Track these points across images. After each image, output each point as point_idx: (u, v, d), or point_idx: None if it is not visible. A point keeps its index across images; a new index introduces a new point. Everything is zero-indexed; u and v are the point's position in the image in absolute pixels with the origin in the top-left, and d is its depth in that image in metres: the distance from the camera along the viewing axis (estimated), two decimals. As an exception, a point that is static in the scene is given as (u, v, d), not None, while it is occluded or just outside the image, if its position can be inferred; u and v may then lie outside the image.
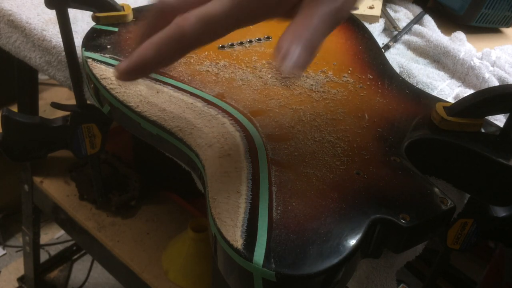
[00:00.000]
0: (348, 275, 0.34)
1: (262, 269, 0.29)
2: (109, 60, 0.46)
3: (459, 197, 0.46)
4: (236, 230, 0.31)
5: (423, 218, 0.34)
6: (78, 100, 0.57)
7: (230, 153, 0.38)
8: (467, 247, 0.51)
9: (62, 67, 0.58)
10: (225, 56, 0.50)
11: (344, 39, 0.55)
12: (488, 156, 0.40)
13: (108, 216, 0.89)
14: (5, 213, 1.35)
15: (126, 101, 0.43)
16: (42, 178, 0.94)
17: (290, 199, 0.34)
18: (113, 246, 0.84)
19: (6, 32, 0.62)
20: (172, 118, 0.41)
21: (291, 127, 0.41)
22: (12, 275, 1.28)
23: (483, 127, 0.43)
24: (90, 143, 0.61)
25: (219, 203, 0.34)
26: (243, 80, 0.46)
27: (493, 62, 0.62)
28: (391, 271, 0.44)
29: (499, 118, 0.51)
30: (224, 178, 0.35)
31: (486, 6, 0.71)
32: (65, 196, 0.92)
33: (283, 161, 0.37)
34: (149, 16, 0.28)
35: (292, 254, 0.30)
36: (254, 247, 0.30)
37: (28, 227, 1.01)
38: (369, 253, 0.36)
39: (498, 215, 0.49)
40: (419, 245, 0.43)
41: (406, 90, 0.48)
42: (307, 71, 0.49)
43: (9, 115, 0.57)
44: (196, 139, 0.40)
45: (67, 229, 0.98)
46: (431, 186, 0.37)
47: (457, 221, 0.49)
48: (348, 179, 0.36)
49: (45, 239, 1.36)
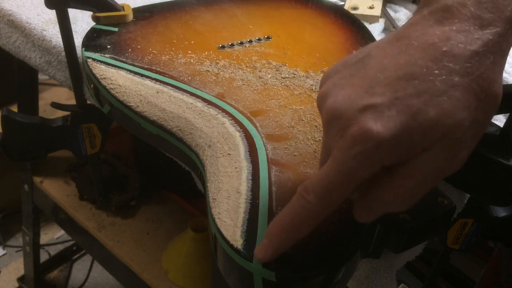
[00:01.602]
0: (348, 275, 0.34)
1: (262, 269, 0.29)
2: (109, 60, 0.46)
3: (459, 197, 0.46)
4: (236, 230, 0.31)
5: (423, 218, 0.34)
6: (78, 100, 0.57)
7: (230, 153, 0.38)
8: (467, 247, 0.51)
9: (62, 67, 0.58)
10: (225, 56, 0.50)
11: (344, 39, 0.55)
12: (488, 156, 0.40)
13: (108, 216, 0.89)
14: (5, 213, 1.35)
15: (126, 101, 0.43)
16: (42, 178, 0.94)
17: (290, 199, 0.34)
18: (113, 246, 0.84)
19: (6, 32, 0.62)
20: (172, 118, 0.41)
21: (291, 127, 0.41)
22: (12, 275, 1.28)
23: (483, 127, 0.43)
24: (90, 143, 0.61)
25: (219, 203, 0.34)
26: (243, 80, 0.46)
27: (493, 62, 0.62)
28: (391, 271, 0.44)
29: (499, 118, 0.51)
30: (224, 178, 0.35)
31: (486, 6, 0.71)
32: (65, 196, 0.91)
33: (283, 161, 0.37)
34: None
35: (292, 254, 0.30)
36: (254, 247, 0.30)
37: (28, 227, 1.01)
38: (369, 253, 0.36)
39: (498, 215, 0.49)
40: (419, 245, 0.43)
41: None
42: (307, 71, 0.49)
43: (9, 115, 0.57)
44: (196, 139, 0.40)
45: (67, 229, 0.97)
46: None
47: (457, 221, 0.49)
48: (348, 179, 0.36)
49: (45, 239, 1.36)
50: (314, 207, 0.27)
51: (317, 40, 0.55)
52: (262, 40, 0.53)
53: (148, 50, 0.49)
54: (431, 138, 0.26)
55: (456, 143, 0.26)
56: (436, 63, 0.26)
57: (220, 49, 0.51)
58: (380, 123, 0.25)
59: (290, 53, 0.51)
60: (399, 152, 0.26)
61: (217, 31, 0.54)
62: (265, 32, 0.55)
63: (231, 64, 0.49)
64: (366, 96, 0.27)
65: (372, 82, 0.27)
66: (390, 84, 0.26)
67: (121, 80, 0.44)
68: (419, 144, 0.26)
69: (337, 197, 0.27)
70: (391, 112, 0.26)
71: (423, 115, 0.25)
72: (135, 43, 0.50)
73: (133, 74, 0.45)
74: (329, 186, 0.27)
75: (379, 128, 0.25)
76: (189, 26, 0.54)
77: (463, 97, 0.26)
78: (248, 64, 0.49)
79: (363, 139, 0.25)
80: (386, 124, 0.25)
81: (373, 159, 0.26)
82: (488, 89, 0.26)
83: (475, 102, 0.26)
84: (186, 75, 0.46)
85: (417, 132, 0.25)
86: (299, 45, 0.53)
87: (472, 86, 0.26)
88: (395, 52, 0.27)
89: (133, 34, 0.51)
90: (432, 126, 0.25)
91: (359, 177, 0.26)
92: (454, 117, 0.26)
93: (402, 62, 0.27)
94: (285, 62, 0.50)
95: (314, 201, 0.27)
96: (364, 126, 0.26)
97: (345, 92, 0.28)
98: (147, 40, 0.50)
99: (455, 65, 0.26)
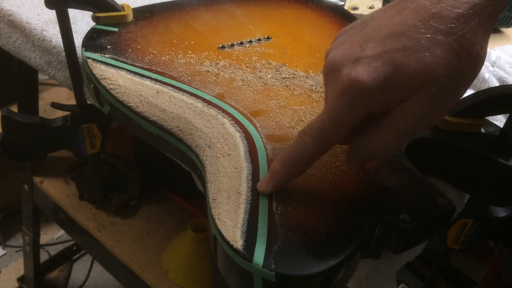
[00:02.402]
0: (348, 276, 0.34)
1: (262, 270, 0.29)
2: (109, 60, 0.46)
3: (459, 197, 0.46)
4: (236, 230, 0.31)
5: (423, 219, 0.34)
6: (78, 100, 0.57)
7: (230, 153, 0.38)
8: (467, 247, 0.51)
9: (62, 67, 0.58)
10: (225, 56, 0.50)
11: (344, 39, 0.55)
12: (488, 156, 0.40)
13: (108, 216, 0.89)
14: (5, 213, 1.35)
15: (126, 101, 0.43)
16: (42, 178, 0.94)
17: (290, 199, 0.34)
18: (113, 246, 0.84)
19: (6, 32, 0.62)
20: (172, 118, 0.41)
21: (291, 127, 0.41)
22: (12, 275, 1.28)
23: (483, 127, 0.43)
24: (90, 143, 0.61)
25: (219, 203, 0.34)
26: (243, 80, 0.46)
27: (493, 62, 0.62)
28: (391, 271, 0.44)
29: (499, 118, 0.51)
30: (224, 178, 0.35)
31: (486, 6, 0.71)
32: (65, 196, 0.91)
33: (283, 161, 0.37)
34: None
35: (292, 254, 0.30)
36: (254, 248, 0.30)
37: (28, 227, 1.01)
38: (369, 254, 0.36)
39: (498, 215, 0.49)
40: (419, 245, 0.43)
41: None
42: (307, 71, 0.49)
43: (9, 115, 0.57)
44: (196, 139, 0.40)
45: (67, 229, 0.97)
46: (431, 186, 0.37)
47: (457, 221, 0.49)
48: (348, 179, 0.36)
49: (45, 239, 1.36)
50: (311, 147, 0.32)
51: (317, 40, 0.55)
52: (262, 40, 0.53)
53: (148, 50, 0.49)
54: (410, 88, 0.29)
55: (432, 97, 0.29)
56: (423, 23, 0.29)
57: (220, 49, 0.51)
58: (367, 73, 0.29)
59: (290, 53, 0.51)
60: (382, 100, 0.29)
61: (217, 31, 0.54)
62: (265, 32, 0.55)
63: (231, 64, 0.49)
64: (360, 50, 0.30)
65: (367, 39, 0.30)
66: (382, 40, 0.30)
67: (121, 80, 0.44)
68: (400, 93, 0.29)
69: (330, 139, 0.31)
70: (378, 63, 0.29)
71: (404, 67, 0.29)
72: (135, 43, 0.50)
73: (133, 74, 0.45)
74: (323, 130, 0.31)
75: (365, 77, 0.29)
76: (189, 26, 0.54)
77: (444, 54, 0.28)
78: (248, 64, 0.49)
79: (351, 87, 0.29)
80: (371, 74, 0.29)
81: (360, 105, 0.30)
82: (470, 49, 0.29)
83: (455, 61, 0.29)
84: (186, 76, 0.46)
85: (398, 82, 0.29)
86: (299, 45, 0.53)
87: (453, 45, 0.28)
88: (393, 13, 0.30)
89: (133, 34, 0.51)
90: (412, 77, 0.29)
91: (348, 122, 0.30)
92: (432, 71, 0.28)
93: (396, 22, 0.30)
94: (285, 62, 0.50)
95: (310, 142, 0.32)
96: (352, 75, 0.29)
97: (344, 47, 0.31)
98: (147, 40, 0.50)
99: (441, 25, 0.29)
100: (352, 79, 0.29)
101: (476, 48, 0.29)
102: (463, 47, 0.29)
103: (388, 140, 0.31)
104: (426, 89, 0.29)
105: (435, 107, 0.30)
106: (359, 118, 0.30)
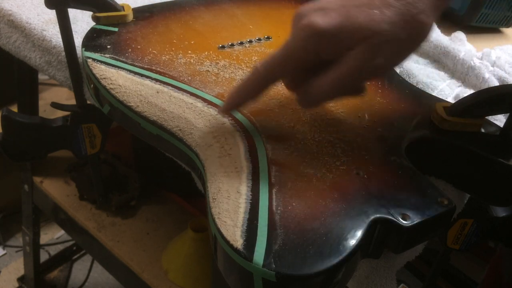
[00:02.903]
0: (348, 275, 0.34)
1: (262, 269, 0.29)
2: (109, 60, 0.46)
3: (459, 197, 0.46)
4: (236, 230, 0.31)
5: (423, 218, 0.34)
6: (78, 100, 0.57)
7: (230, 153, 0.38)
8: (467, 247, 0.51)
9: (62, 67, 0.58)
10: (225, 56, 0.50)
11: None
12: (488, 156, 0.40)
13: (108, 216, 0.89)
14: (5, 213, 1.35)
15: (126, 101, 0.43)
16: (42, 178, 0.94)
17: (290, 199, 0.34)
18: (113, 246, 0.84)
19: (6, 32, 0.62)
20: (172, 118, 0.41)
21: (291, 127, 0.41)
22: (12, 275, 1.28)
23: (483, 127, 0.43)
24: (90, 143, 0.61)
25: (219, 203, 0.34)
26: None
27: (493, 62, 0.62)
28: (391, 271, 0.44)
29: (499, 118, 0.51)
30: (224, 178, 0.35)
31: (486, 6, 0.71)
32: (65, 196, 0.91)
33: (283, 161, 0.37)
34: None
35: (292, 254, 0.30)
36: (254, 247, 0.30)
37: (28, 227, 1.01)
38: (369, 253, 0.36)
39: (498, 215, 0.49)
40: (419, 245, 0.43)
41: (406, 90, 0.48)
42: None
43: (9, 115, 0.57)
44: (196, 139, 0.40)
45: (67, 229, 0.97)
46: (431, 186, 0.37)
47: (457, 221, 0.49)
48: (348, 179, 0.36)
49: (45, 239, 1.36)
50: (261, 75, 0.37)
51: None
52: (262, 40, 0.53)
53: (148, 50, 0.49)
54: (355, 38, 0.34)
55: (374, 48, 0.34)
56: None
57: (220, 49, 0.51)
58: (322, 19, 0.34)
59: (290, 53, 0.51)
60: (331, 45, 0.35)
61: (217, 31, 0.54)
62: (265, 32, 0.55)
63: (231, 64, 0.49)
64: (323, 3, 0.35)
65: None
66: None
67: (121, 80, 0.44)
68: (347, 41, 0.34)
69: (279, 70, 0.37)
70: (334, 14, 0.34)
71: (354, 18, 0.34)
72: (135, 43, 0.50)
73: (133, 74, 0.45)
74: (275, 61, 0.36)
75: (319, 21, 0.34)
76: (189, 26, 0.54)
77: (391, 14, 0.34)
78: (248, 64, 0.49)
79: (306, 27, 0.34)
80: (327, 20, 0.34)
81: (310, 44, 0.35)
82: (416, 15, 0.34)
83: (401, 23, 0.34)
84: (186, 75, 0.46)
85: (346, 30, 0.34)
86: (299, 45, 0.53)
87: (401, 8, 0.34)
88: None
89: (133, 34, 0.51)
90: (359, 28, 0.34)
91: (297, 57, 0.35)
92: (378, 26, 0.34)
93: None
94: (285, 62, 0.49)
95: (262, 71, 0.37)
96: (311, 20, 0.34)
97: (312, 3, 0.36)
98: (147, 40, 0.50)
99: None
100: (309, 21, 0.34)
101: (421, 16, 0.34)
102: (410, 11, 0.34)
103: (332, 81, 0.35)
104: (370, 40, 0.34)
105: (376, 58, 0.34)
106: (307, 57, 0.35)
